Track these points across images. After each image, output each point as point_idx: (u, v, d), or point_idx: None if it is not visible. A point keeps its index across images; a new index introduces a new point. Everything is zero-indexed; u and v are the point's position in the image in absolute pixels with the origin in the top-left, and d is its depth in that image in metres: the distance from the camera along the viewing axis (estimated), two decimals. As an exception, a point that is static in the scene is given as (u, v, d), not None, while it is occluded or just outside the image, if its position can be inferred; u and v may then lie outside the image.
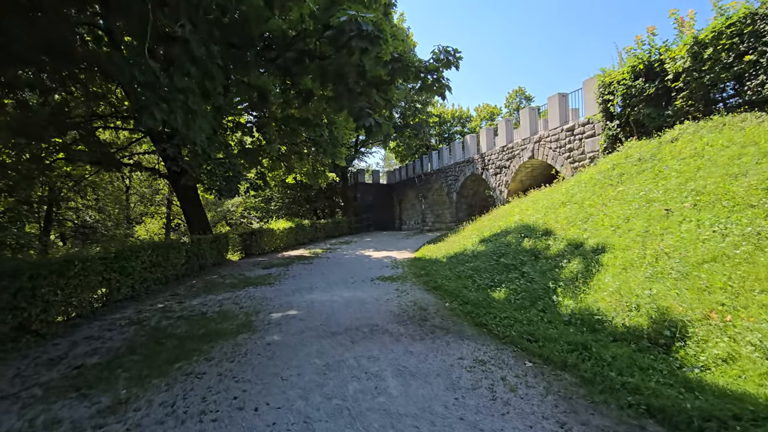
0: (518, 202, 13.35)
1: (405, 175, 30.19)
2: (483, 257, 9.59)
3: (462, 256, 10.83)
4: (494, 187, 17.23)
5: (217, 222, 31.62)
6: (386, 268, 12.30)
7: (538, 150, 14.04)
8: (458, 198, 21.12)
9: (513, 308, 6.20)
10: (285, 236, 19.42)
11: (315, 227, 22.86)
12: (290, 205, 29.27)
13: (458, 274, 9.23)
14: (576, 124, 12.12)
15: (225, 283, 10.34)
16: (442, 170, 22.63)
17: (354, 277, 10.68)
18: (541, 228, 9.02)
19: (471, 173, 19.27)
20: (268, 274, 11.51)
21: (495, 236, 10.94)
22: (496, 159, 16.91)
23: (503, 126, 16.30)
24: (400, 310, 7.04)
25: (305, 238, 21.65)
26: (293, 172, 18.51)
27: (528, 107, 14.57)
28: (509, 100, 43.81)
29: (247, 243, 16.68)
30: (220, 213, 31.47)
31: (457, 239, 14.35)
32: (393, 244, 19.99)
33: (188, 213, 14.26)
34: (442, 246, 14.66)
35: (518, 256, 8.38)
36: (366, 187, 31.95)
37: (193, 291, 9.48)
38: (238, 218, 32.37)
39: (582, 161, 11.92)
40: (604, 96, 10.52)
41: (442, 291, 8.14)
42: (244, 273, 12.03)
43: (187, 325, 6.48)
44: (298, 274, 11.53)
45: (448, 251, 12.65)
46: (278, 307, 7.53)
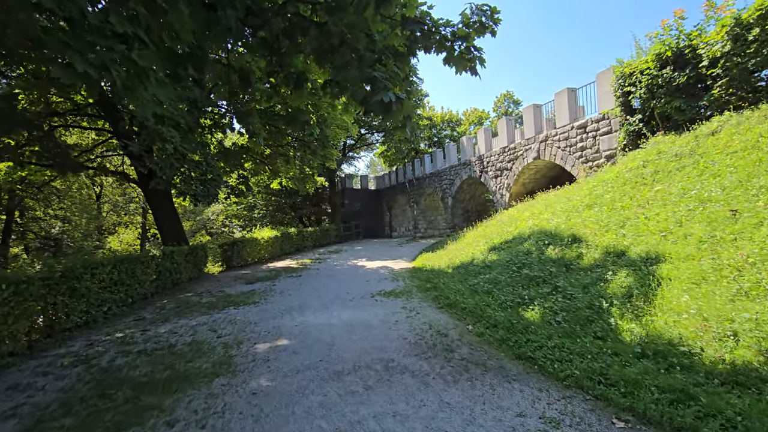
0: (526, 206, 12.32)
1: (395, 180, 29.06)
2: (499, 268, 8.45)
3: (472, 267, 9.67)
4: (494, 191, 16.23)
5: (196, 231, 29.80)
6: (385, 280, 11.05)
7: (544, 150, 13.09)
8: (454, 203, 20.07)
9: (558, 334, 5.03)
10: (270, 246, 17.96)
11: (302, 236, 21.45)
12: (275, 213, 27.73)
13: (473, 288, 8.05)
14: (589, 120, 11.20)
15: (201, 303, 8.89)
16: (436, 174, 21.59)
17: (351, 293, 9.39)
18: (566, 234, 7.94)
19: (468, 176, 18.26)
20: (252, 291, 10.09)
21: (507, 244, 9.82)
22: (496, 161, 15.93)
23: (504, 125, 15.35)
24: (414, 336, 5.79)
25: (292, 248, 20.21)
26: (278, 177, 17.15)
27: (532, 105, 13.64)
28: (497, 104, 43.41)
29: (228, 254, 15.18)
30: (200, 222, 29.67)
31: (459, 247, 13.22)
32: (386, 252, 18.74)
33: (161, 222, 12.74)
34: (443, 254, 13.50)
35: (545, 266, 7.25)
36: (354, 193, 30.68)
37: (163, 314, 8.02)
38: (219, 227, 30.60)
39: (596, 161, 10.97)
40: (624, 88, 9.60)
41: (459, 309, 6.94)
42: (224, 289, 10.58)
43: (148, 365, 5.08)
44: (286, 289, 10.16)
45: (452, 261, 11.49)
46: (265, 335, 6.19)
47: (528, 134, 13.89)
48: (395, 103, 3.79)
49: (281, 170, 15.90)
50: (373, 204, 31.11)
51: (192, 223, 29.47)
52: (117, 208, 31.01)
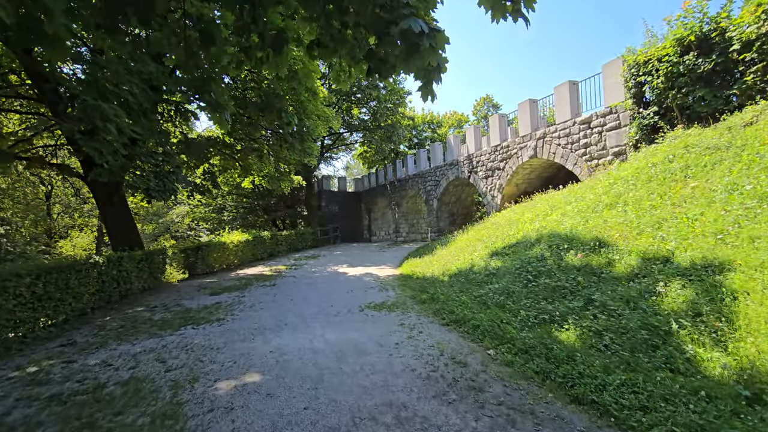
0: (525, 207, 11.35)
1: (375, 182, 27.84)
2: (508, 276, 7.33)
3: (473, 275, 8.54)
4: (485, 192, 15.27)
5: (159, 235, 27.47)
6: (372, 289, 9.75)
7: (542, 148, 12.21)
8: (439, 205, 19.04)
9: (616, 364, 3.90)
10: (240, 251, 16.28)
11: (276, 240, 19.81)
12: (246, 216, 25.88)
13: (481, 300, 6.89)
14: (594, 115, 10.36)
15: (153, 321, 7.30)
16: (420, 175, 20.51)
17: (335, 305, 8.04)
18: (587, 237, 6.91)
19: (455, 177, 17.26)
20: (217, 304, 8.55)
21: (512, 248, 8.75)
22: (487, 160, 14.99)
23: (496, 123, 14.44)
24: (425, 365, 4.54)
25: (264, 253, 18.55)
26: (251, 174, 15.57)
27: (528, 100, 12.77)
28: (477, 107, 43.08)
29: (191, 260, 13.45)
30: (163, 225, 27.38)
31: (450, 252, 12.10)
32: (368, 257, 17.42)
33: (110, 223, 10.95)
34: (433, 260, 12.34)
35: (567, 275, 6.18)
36: (332, 195, 29.22)
37: (100, 336, 6.40)
38: (185, 230, 28.39)
39: (602, 158, 10.13)
40: (638, 78, 8.77)
41: (471, 328, 5.75)
42: (183, 302, 8.97)
43: (57, 421, 3.58)
44: (257, 302, 8.68)
45: (447, 267, 10.33)
46: (230, 367, 4.76)
47: (524, 131, 12.99)
48: (427, 36, 2.55)
49: (254, 167, 14.35)
50: (351, 207, 29.74)
51: (155, 226, 27.15)
52: (69, 208, 28.32)
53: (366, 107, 25.15)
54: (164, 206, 26.73)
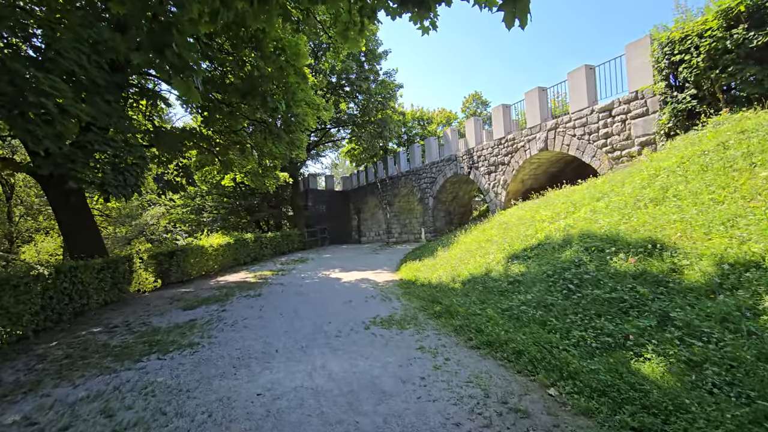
0: (539, 204, 10.30)
1: (364, 180, 26.57)
2: (540, 284, 6.22)
3: (491, 282, 7.41)
4: (487, 189, 14.21)
5: (132, 238, 25.53)
6: (373, 299, 8.53)
7: (554, 140, 11.19)
8: (435, 204, 17.92)
9: (743, 418, 2.78)
10: (221, 255, 14.80)
11: (260, 243, 18.36)
12: (227, 217, 24.25)
13: (511, 314, 5.75)
14: (615, 102, 9.38)
15: (109, 347, 5.91)
16: (414, 172, 19.36)
17: (334, 321, 6.80)
18: (635, 238, 5.85)
19: (453, 174, 16.17)
20: (191, 322, 7.18)
21: (534, 251, 7.66)
22: (489, 155, 13.94)
23: (500, 114, 13.39)
24: (470, 416, 3.36)
25: (248, 257, 17.08)
26: (231, 171, 14.12)
27: (536, 88, 11.76)
28: (465, 104, 42.32)
29: (164, 267, 11.94)
30: (137, 227, 25.45)
31: (455, 255, 10.97)
32: (362, 260, 16.17)
33: (66, 226, 9.43)
34: (436, 264, 11.20)
35: (622, 284, 5.09)
36: (319, 195, 27.81)
37: (35, 373, 4.99)
38: (161, 233, 26.51)
39: (626, 149, 9.15)
40: (672, 58, 7.80)
41: (512, 353, 4.60)
42: (151, 319, 7.56)
43: None
44: (240, 318, 7.34)
45: (456, 272, 9.19)
46: (202, 424, 3.47)
47: (532, 122, 11.97)
48: None
49: (235, 163, 12.92)
50: (339, 207, 28.40)
51: (127, 229, 25.22)
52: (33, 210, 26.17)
53: (354, 102, 23.86)
54: (138, 207, 24.87)
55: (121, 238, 25.13)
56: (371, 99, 21.35)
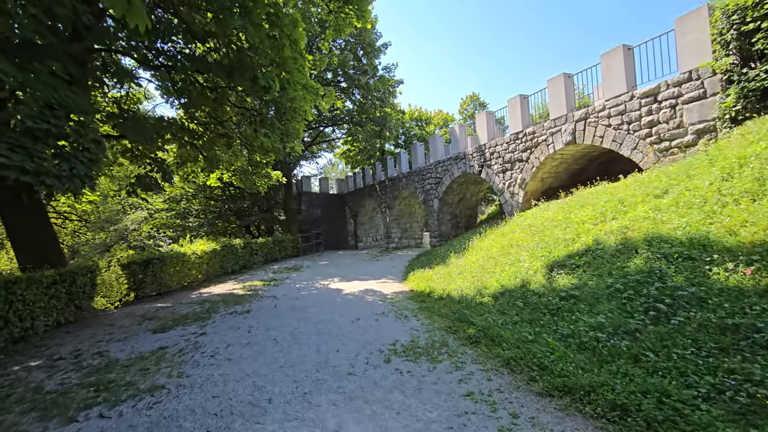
0: (571, 205, 8.97)
1: (361, 182, 25.14)
2: (607, 302, 4.87)
3: (533, 296, 6.04)
4: (501, 189, 12.88)
5: (112, 245, 23.70)
6: (384, 317, 7.11)
7: (584, 131, 9.90)
8: (441, 206, 16.55)
9: None
10: (205, 264, 13.22)
11: (250, 249, 16.79)
12: (214, 221, 22.58)
13: (579, 341, 4.38)
14: (662, 85, 8.11)
15: (40, 395, 4.36)
16: (417, 173, 17.99)
17: (343, 349, 5.35)
18: (739, 242, 4.51)
19: (461, 173, 14.82)
20: (159, 352, 5.65)
21: (583, 258, 6.31)
22: (505, 151, 12.62)
23: (517, 106, 12.10)
24: None
25: (236, 265, 15.49)
26: (217, 169, 12.60)
27: (562, 74, 10.49)
28: (463, 106, 41.24)
29: (138, 278, 10.35)
30: (117, 232, 23.63)
31: (476, 262, 9.60)
32: (362, 268, 14.70)
33: (13, 230, 7.85)
34: (452, 272, 9.81)
35: (745, 305, 3.73)
36: (313, 198, 26.30)
37: None
38: (143, 239, 24.71)
39: (677, 139, 7.88)
40: (743, 27, 6.55)
41: (611, 408, 3.19)
42: (109, 347, 6.01)
43: None
44: (223, 345, 5.83)
45: (482, 283, 7.80)
46: None
47: (556, 113, 10.67)
48: None
49: (222, 160, 11.41)
50: (334, 210, 26.91)
51: (107, 235, 23.40)
52: None
53: (350, 99, 22.45)
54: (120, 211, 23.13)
55: (99, 245, 23.30)
56: (369, 95, 19.98)
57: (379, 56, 20.52)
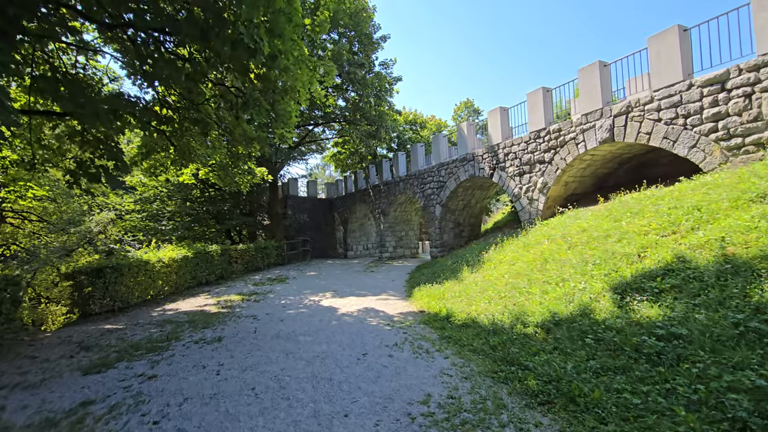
0: (615, 212, 7.50)
1: (352, 186, 23.47)
2: (751, 348, 3.29)
3: (608, 332, 4.47)
4: (517, 194, 11.40)
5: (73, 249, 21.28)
6: (399, 351, 5.45)
7: (625, 127, 8.51)
8: (444, 213, 14.99)
9: None
10: (174, 273, 11.30)
11: (228, 256, 14.85)
12: (191, 225, 20.48)
13: (733, 418, 2.75)
14: (732, 70, 6.76)
15: None
16: (417, 176, 16.42)
17: (352, 411, 3.66)
18: None
19: (469, 176, 13.32)
20: (80, 412, 3.82)
21: (667, 281, 4.79)
22: (523, 152, 11.18)
23: (539, 100, 10.69)
24: None
25: (212, 275, 13.55)
26: (192, 163, 10.73)
27: (597, 62, 9.12)
28: (457, 112, 40.22)
29: (86, 291, 8.40)
30: (80, 234, 21.27)
31: (499, 278, 8.03)
32: (357, 281, 12.95)
33: None
34: (470, 291, 8.20)
35: None
36: (300, 202, 24.45)
37: None
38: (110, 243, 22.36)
39: (754, 134, 6.51)
40: None
41: None
42: (3, 406, 4.14)
43: None
44: (175, 402, 4.04)
45: (520, 307, 6.22)
46: None
47: (588, 107, 9.28)
48: None
49: (198, 151, 9.58)
50: (322, 216, 25.11)
51: (66, 237, 21.03)
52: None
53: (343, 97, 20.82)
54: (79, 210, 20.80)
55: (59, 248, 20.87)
56: (365, 91, 18.40)
57: (376, 51, 19.02)
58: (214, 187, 21.78)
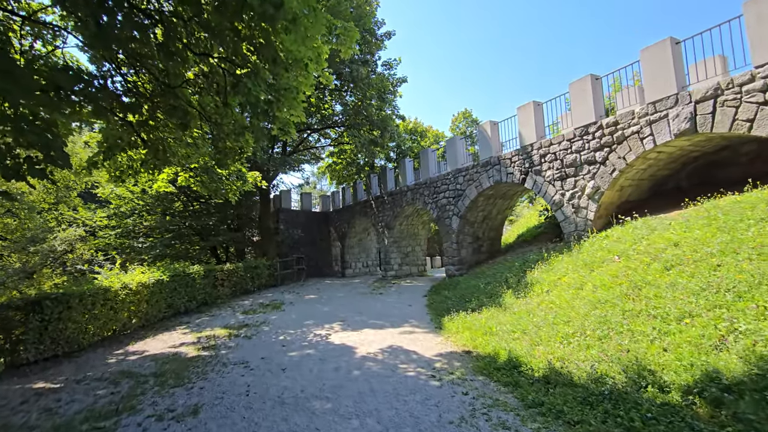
0: (711, 220, 5.73)
1: (350, 198, 21.57)
2: None
3: None
4: (558, 202, 9.65)
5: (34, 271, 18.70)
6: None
7: (713, 115, 6.84)
8: (462, 225, 13.15)
9: None
10: (145, 301, 9.14)
11: (213, 278, 12.68)
12: (171, 242, 18.21)
13: None
14: None
15: None
16: (428, 185, 14.61)
17: None
18: None
19: (493, 183, 11.54)
20: None
21: None
22: (565, 152, 9.49)
23: (586, 89, 9.03)
24: None
25: (192, 302, 11.35)
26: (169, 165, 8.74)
27: (668, 39, 7.54)
28: (455, 122, 38.92)
29: (15, 334, 6.22)
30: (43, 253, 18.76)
31: (563, 306, 6.16)
32: (366, 307, 10.89)
33: None
34: (524, 323, 6.29)
35: None
36: (293, 216, 22.39)
37: None
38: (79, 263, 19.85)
39: None
40: None
41: None
42: None
43: None
44: None
45: (634, 354, 4.31)
46: None
47: (657, 93, 7.63)
48: None
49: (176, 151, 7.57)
50: (317, 231, 23.05)
51: (27, 257, 18.52)
52: None
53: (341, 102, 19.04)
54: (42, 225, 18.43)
55: (18, 270, 18.30)
56: (368, 93, 16.67)
57: (380, 48, 17.41)
58: (200, 200, 19.63)
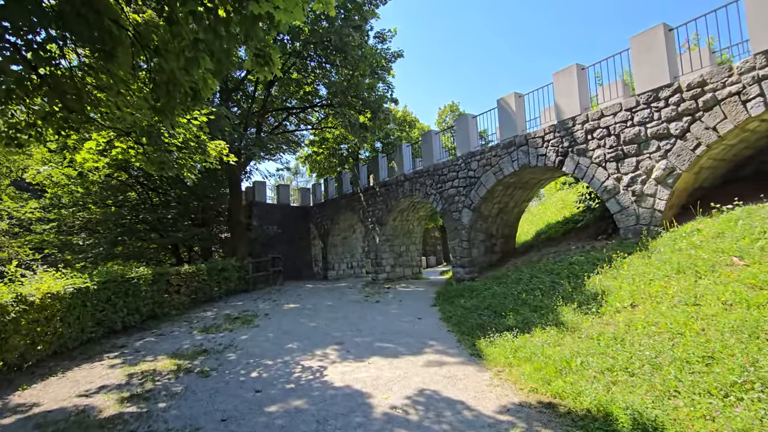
0: None
1: (334, 191, 19.14)
2: None
3: None
4: (611, 189, 7.67)
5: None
6: None
7: None
8: (474, 220, 11.02)
9: None
10: (58, 318, 6.45)
11: (165, 283, 9.98)
12: (119, 239, 15.15)
13: None
14: None
15: None
16: (432, 173, 12.40)
17: None
18: None
19: (519, 167, 9.46)
20: None
21: None
22: (621, 124, 7.52)
23: (656, 43, 7.02)
24: None
25: (135, 315, 8.63)
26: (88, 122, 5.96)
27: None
28: (441, 116, 37.04)
29: None
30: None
31: (678, 330, 4.05)
32: (365, 321, 8.52)
33: None
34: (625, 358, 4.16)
35: None
36: (268, 210, 19.71)
37: None
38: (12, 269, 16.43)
39: None
40: None
41: None
42: None
43: None
44: None
45: None
46: None
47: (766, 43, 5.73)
48: None
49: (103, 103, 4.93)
50: (295, 228, 20.45)
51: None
52: None
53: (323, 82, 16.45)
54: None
55: None
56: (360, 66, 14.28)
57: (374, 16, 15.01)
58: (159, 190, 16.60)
